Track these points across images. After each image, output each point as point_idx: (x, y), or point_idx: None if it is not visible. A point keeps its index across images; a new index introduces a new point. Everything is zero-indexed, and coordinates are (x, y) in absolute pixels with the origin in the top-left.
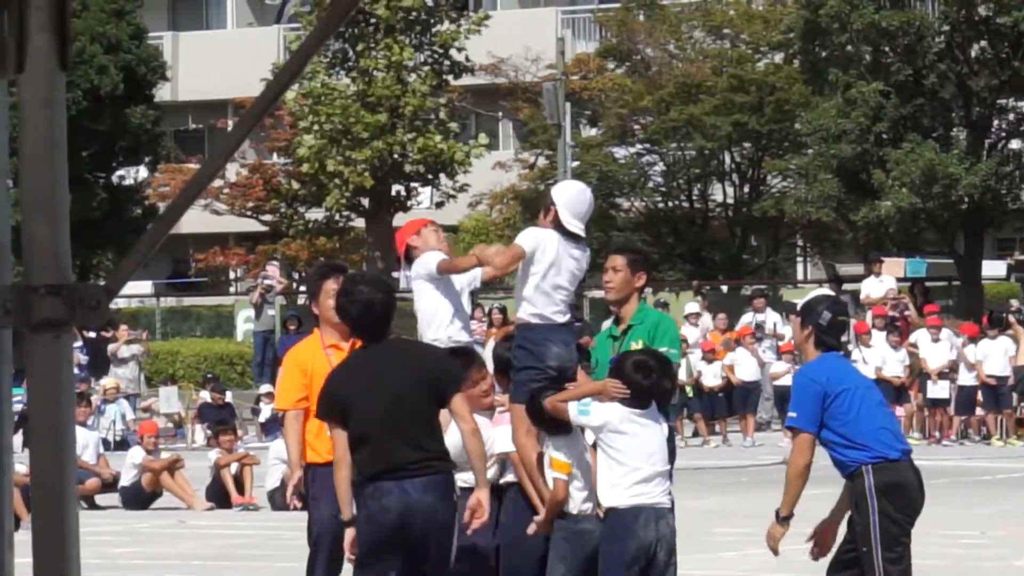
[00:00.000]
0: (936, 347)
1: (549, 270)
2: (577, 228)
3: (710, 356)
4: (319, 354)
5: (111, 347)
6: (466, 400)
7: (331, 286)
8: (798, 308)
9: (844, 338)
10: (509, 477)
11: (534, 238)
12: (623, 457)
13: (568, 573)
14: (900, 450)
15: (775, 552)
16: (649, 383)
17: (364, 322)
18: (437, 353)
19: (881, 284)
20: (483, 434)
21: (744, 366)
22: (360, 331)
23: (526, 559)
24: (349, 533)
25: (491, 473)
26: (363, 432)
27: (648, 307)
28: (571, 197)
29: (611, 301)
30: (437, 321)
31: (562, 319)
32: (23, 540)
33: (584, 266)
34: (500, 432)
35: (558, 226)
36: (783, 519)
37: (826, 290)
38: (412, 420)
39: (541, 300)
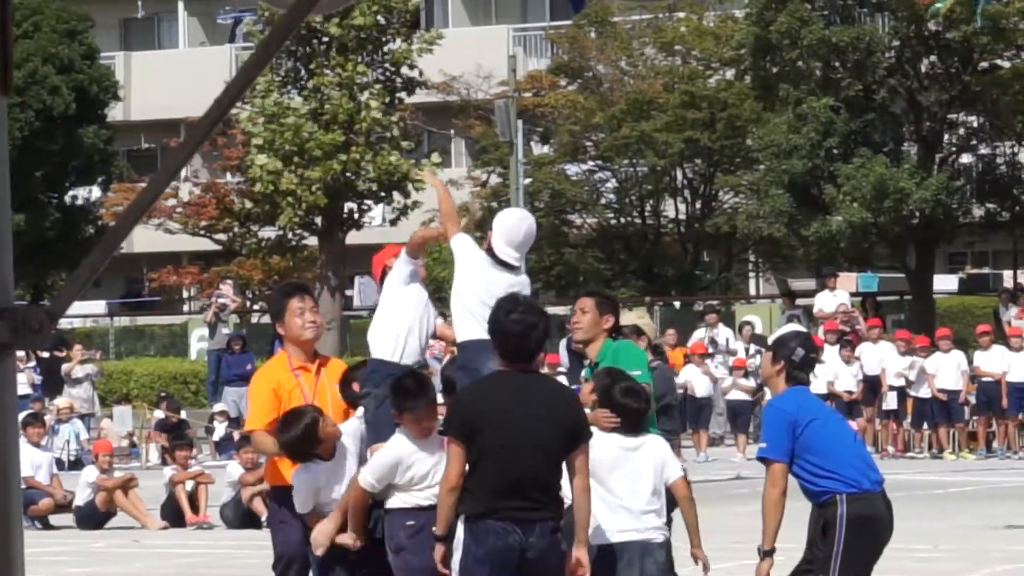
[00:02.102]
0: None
1: (472, 289)
2: (509, 257)
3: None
4: (288, 375)
5: (65, 367)
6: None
7: (296, 305)
8: (770, 342)
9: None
10: None
11: (465, 245)
12: (609, 494)
13: None
14: (874, 480)
15: None
16: (639, 406)
17: (524, 345)
18: (575, 400)
19: (834, 298)
20: (435, 457)
21: (696, 382)
22: (516, 353)
23: None
24: (440, 549)
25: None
26: (491, 459)
27: (609, 341)
28: (508, 225)
29: (578, 340)
30: (391, 340)
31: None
32: None
33: (525, 292)
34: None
35: (491, 254)
36: (766, 553)
37: (798, 326)
38: (544, 459)
39: (472, 318)
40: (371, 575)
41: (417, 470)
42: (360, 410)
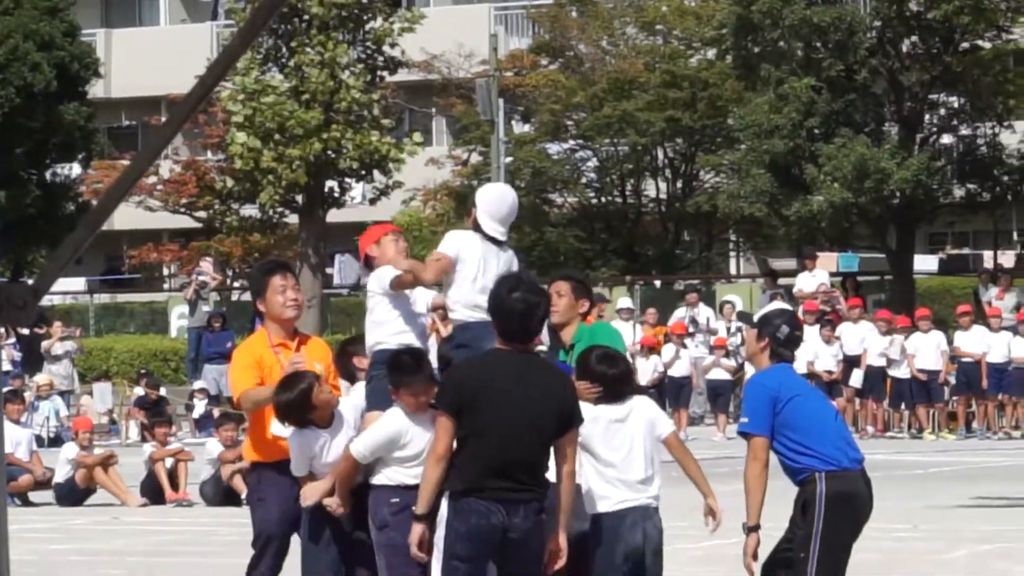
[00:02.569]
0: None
1: (476, 271)
2: (496, 232)
3: (647, 352)
4: (268, 352)
5: (44, 344)
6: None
7: (277, 282)
8: (755, 320)
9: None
10: None
11: (455, 243)
12: (605, 467)
13: None
14: (854, 459)
15: (749, 571)
16: (617, 371)
17: (525, 324)
18: (571, 384)
19: (813, 279)
20: (429, 434)
21: (676, 361)
22: (516, 333)
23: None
24: (419, 529)
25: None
26: (482, 436)
27: (583, 324)
28: (491, 200)
29: (554, 323)
30: (392, 322)
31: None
32: None
33: (513, 268)
34: None
35: (477, 229)
36: (751, 529)
37: (782, 304)
38: (535, 441)
39: (473, 300)
40: (360, 542)
41: (412, 448)
42: (360, 384)
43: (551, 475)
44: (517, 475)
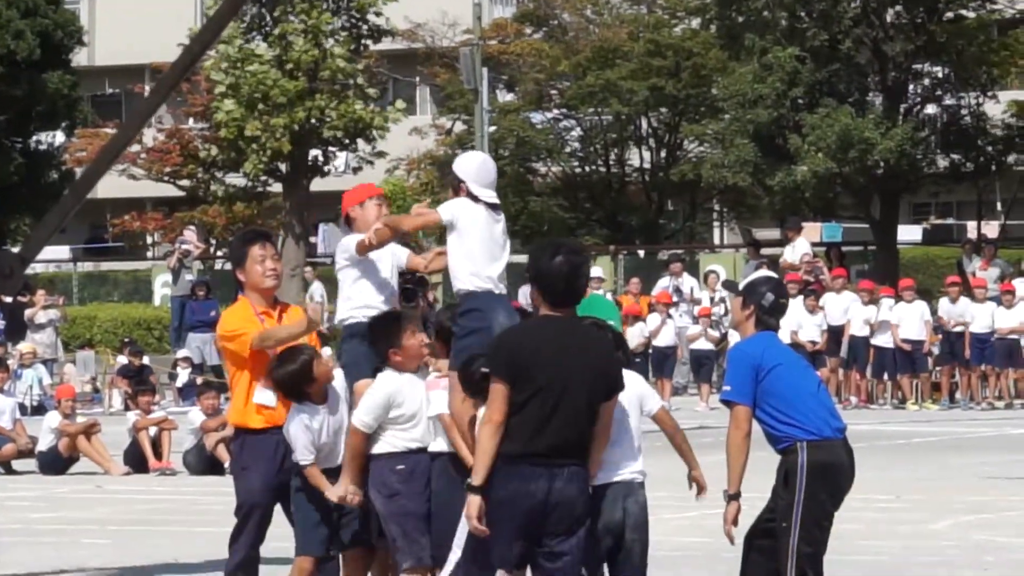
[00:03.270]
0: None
1: (479, 237)
2: (491, 197)
3: (632, 320)
4: (255, 320)
5: (28, 312)
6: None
7: (257, 252)
8: (740, 288)
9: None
10: (440, 446)
11: (450, 208)
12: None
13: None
14: (835, 428)
15: (729, 538)
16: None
17: (572, 287)
18: (614, 352)
19: (794, 250)
20: (422, 393)
21: (662, 330)
22: (564, 296)
23: (454, 525)
24: (476, 500)
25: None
26: (533, 404)
27: None
28: (476, 169)
29: None
30: (358, 296)
31: (498, 289)
32: None
33: (503, 231)
34: (435, 396)
35: (474, 200)
36: (732, 497)
37: (767, 272)
38: (584, 407)
39: (478, 267)
40: (356, 534)
41: (407, 406)
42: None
43: None
44: (564, 441)
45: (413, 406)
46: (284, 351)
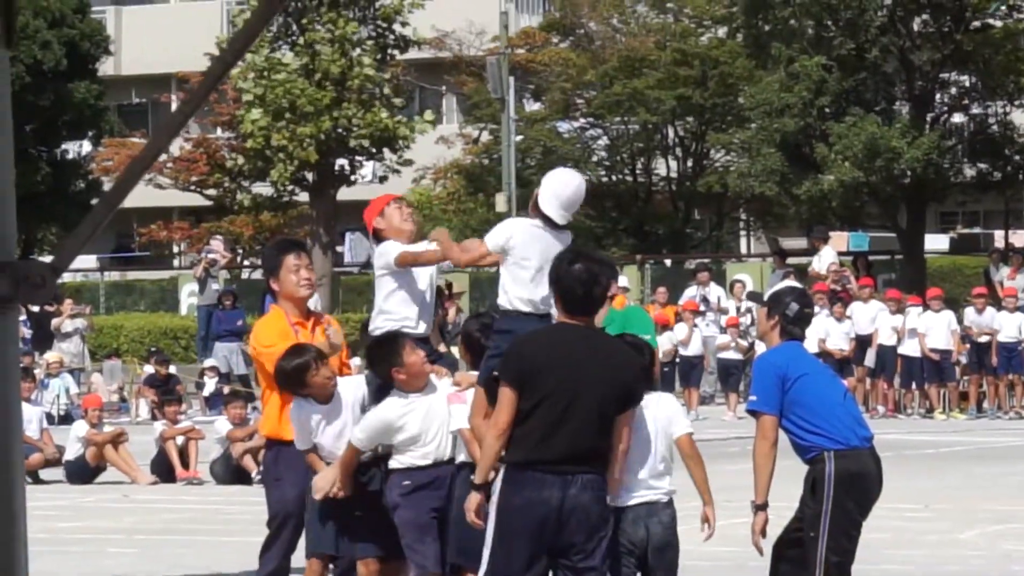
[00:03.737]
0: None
1: (528, 260)
2: (558, 215)
3: (660, 329)
4: (289, 330)
5: (55, 321)
6: None
7: (292, 261)
8: (765, 298)
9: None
10: (463, 456)
11: (503, 234)
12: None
13: None
14: (863, 437)
15: (758, 548)
16: (640, 361)
17: (587, 296)
18: (634, 360)
19: (820, 259)
20: (424, 415)
21: (688, 341)
22: (578, 305)
23: (476, 535)
24: (476, 497)
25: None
26: (543, 409)
27: (613, 308)
28: (555, 181)
29: None
30: (392, 310)
31: (545, 308)
32: None
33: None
34: (456, 409)
35: (538, 212)
36: (759, 507)
37: (792, 282)
38: (596, 416)
39: (523, 289)
40: (371, 532)
41: (408, 430)
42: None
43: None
44: (576, 449)
45: (415, 428)
46: (294, 346)
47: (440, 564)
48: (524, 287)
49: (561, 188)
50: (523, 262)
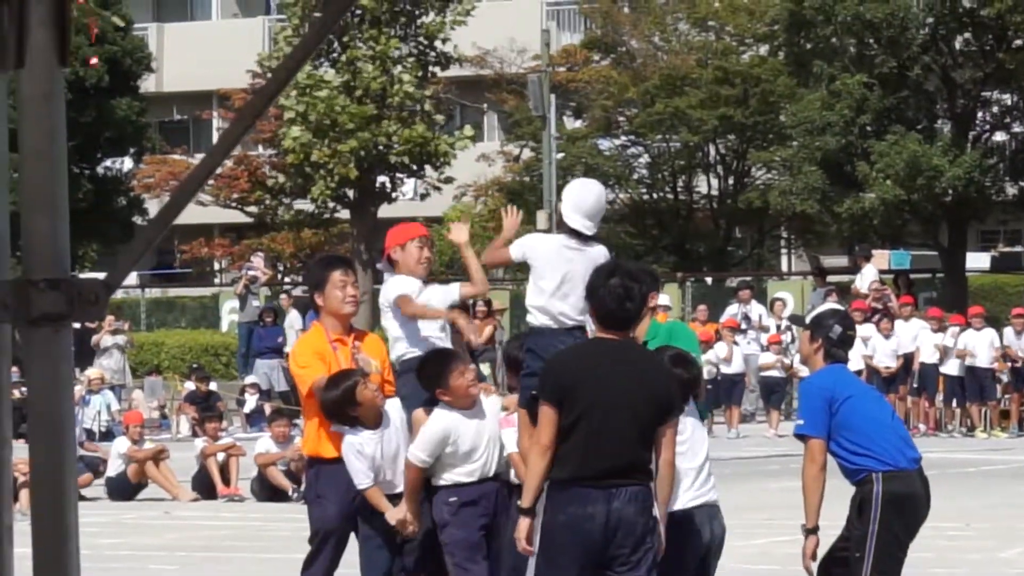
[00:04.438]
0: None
1: (549, 274)
2: (581, 225)
3: (703, 347)
4: (327, 347)
5: (94, 338)
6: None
7: (338, 277)
8: (807, 321)
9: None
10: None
11: (524, 246)
12: (679, 461)
13: None
14: (911, 458)
15: (809, 572)
16: (690, 376)
17: (621, 311)
18: (671, 376)
19: (861, 278)
20: (476, 430)
21: (730, 358)
22: (613, 320)
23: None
24: (526, 522)
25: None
26: (582, 424)
27: (657, 321)
28: (575, 192)
29: None
30: (411, 334)
31: (571, 322)
32: (22, 531)
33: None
34: (508, 434)
35: (562, 226)
36: (810, 531)
37: (834, 304)
38: (635, 429)
39: (547, 304)
40: (419, 560)
41: (462, 444)
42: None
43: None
44: (618, 463)
45: (466, 444)
46: (335, 375)
47: None
48: (544, 298)
49: (580, 199)
50: (541, 279)
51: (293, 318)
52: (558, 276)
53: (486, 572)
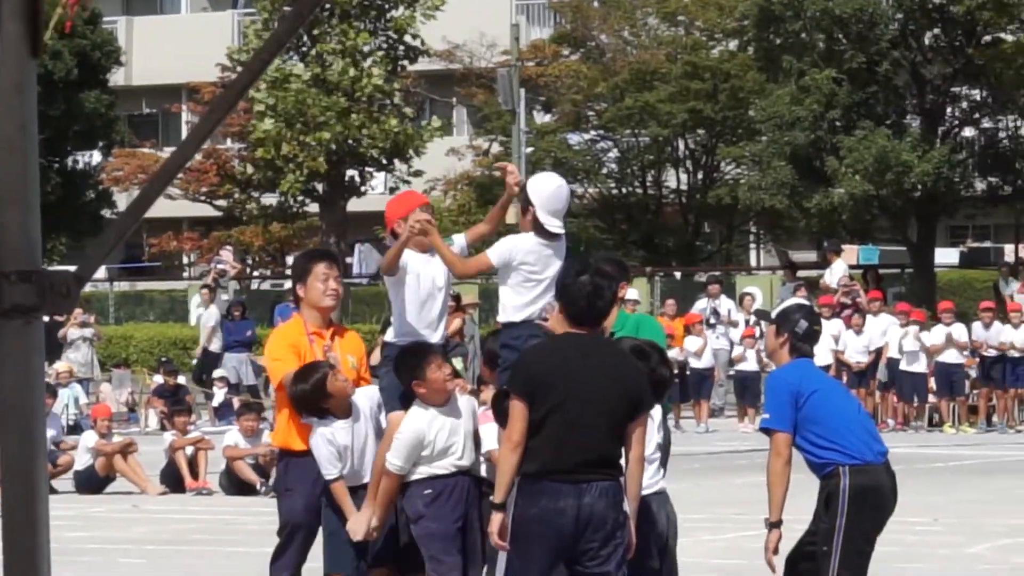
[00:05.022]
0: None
1: (529, 275)
2: (556, 227)
3: (668, 342)
4: (303, 339)
5: (61, 331)
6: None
7: (321, 270)
8: (773, 316)
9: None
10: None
11: (506, 251)
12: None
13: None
14: (878, 452)
15: (770, 566)
16: (648, 369)
17: (592, 307)
18: (640, 370)
19: (831, 273)
20: (451, 426)
21: (700, 352)
22: (583, 316)
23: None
24: (499, 517)
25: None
26: (552, 419)
27: (625, 312)
28: (548, 196)
29: None
30: (399, 323)
31: (546, 316)
32: None
33: (562, 258)
34: (486, 430)
35: (537, 227)
36: (773, 525)
37: (800, 299)
38: (606, 424)
39: (523, 300)
40: (378, 554)
41: (438, 443)
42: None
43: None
44: (589, 457)
45: (441, 442)
46: (302, 368)
47: None
48: (520, 296)
49: (553, 202)
50: (527, 281)
51: (210, 313)
52: (536, 275)
53: (460, 565)
